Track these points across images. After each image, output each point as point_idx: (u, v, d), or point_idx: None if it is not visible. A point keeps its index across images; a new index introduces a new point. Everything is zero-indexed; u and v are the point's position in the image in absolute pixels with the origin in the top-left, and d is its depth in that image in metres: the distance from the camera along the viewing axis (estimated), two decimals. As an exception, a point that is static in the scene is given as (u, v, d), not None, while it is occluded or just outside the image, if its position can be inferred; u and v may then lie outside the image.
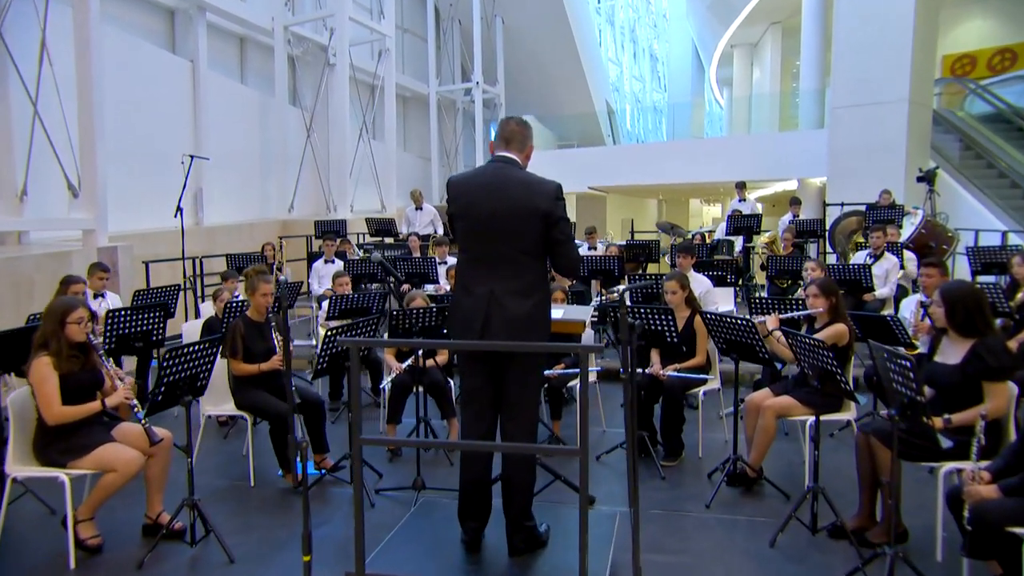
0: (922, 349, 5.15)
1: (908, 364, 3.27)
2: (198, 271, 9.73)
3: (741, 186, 12.05)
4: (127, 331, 5.33)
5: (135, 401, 4.00)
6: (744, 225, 10.29)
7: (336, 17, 14.30)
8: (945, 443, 3.67)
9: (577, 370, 5.55)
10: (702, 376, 5.21)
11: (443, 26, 21.55)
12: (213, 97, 12.89)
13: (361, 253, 10.21)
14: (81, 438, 3.94)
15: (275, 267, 9.33)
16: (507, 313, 3.33)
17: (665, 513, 4.41)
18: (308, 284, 9.61)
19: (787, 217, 11.17)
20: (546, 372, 5.45)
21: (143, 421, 3.97)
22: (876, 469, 3.96)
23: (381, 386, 5.81)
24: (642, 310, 5.15)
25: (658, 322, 5.10)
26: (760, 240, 9.96)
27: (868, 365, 5.83)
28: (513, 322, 3.33)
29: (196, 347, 3.92)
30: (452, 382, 5.63)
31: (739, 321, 4.60)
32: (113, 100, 10.76)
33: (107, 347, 5.25)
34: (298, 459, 3.02)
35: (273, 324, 5.03)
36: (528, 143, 3.50)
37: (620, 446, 5.37)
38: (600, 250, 10.20)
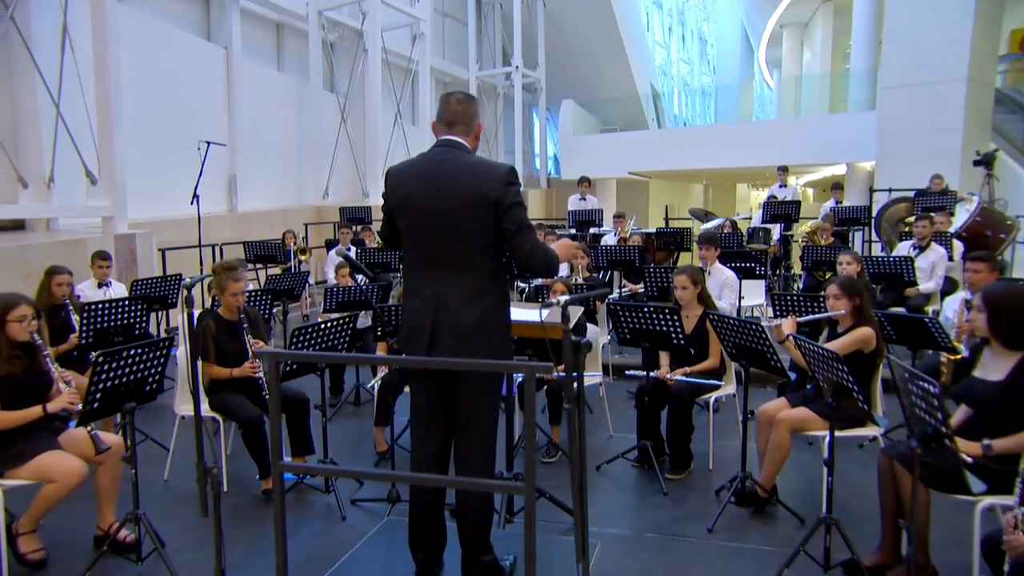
0: (966, 354, 4.49)
1: (933, 390, 2.66)
2: (219, 258, 9.40)
3: (783, 170, 11.24)
4: (107, 324, 4.99)
5: (80, 406, 3.63)
6: (781, 212, 9.52)
7: (369, 1, 13.87)
8: (977, 487, 3.04)
9: (713, 381, 5.04)
10: (713, 382, 4.62)
11: (484, 10, 21.02)
12: (247, 83, 12.69)
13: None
14: (20, 445, 3.59)
15: (293, 255, 8.99)
16: (455, 321, 2.84)
17: (660, 538, 3.86)
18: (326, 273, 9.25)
19: (829, 204, 10.35)
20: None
21: (89, 428, 3.62)
22: (901, 499, 3.36)
23: (368, 385, 5.38)
24: (645, 309, 4.58)
25: (661, 322, 4.52)
26: (800, 229, 9.18)
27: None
28: (461, 331, 2.83)
29: (138, 350, 3.52)
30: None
31: (747, 324, 4.00)
32: (146, 88, 10.67)
33: (84, 341, 4.93)
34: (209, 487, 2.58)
35: (244, 325, 4.60)
36: (475, 121, 2.99)
37: (623, 455, 4.83)
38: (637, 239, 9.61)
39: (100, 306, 5.00)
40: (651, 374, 4.74)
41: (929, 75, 11.62)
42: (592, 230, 10.39)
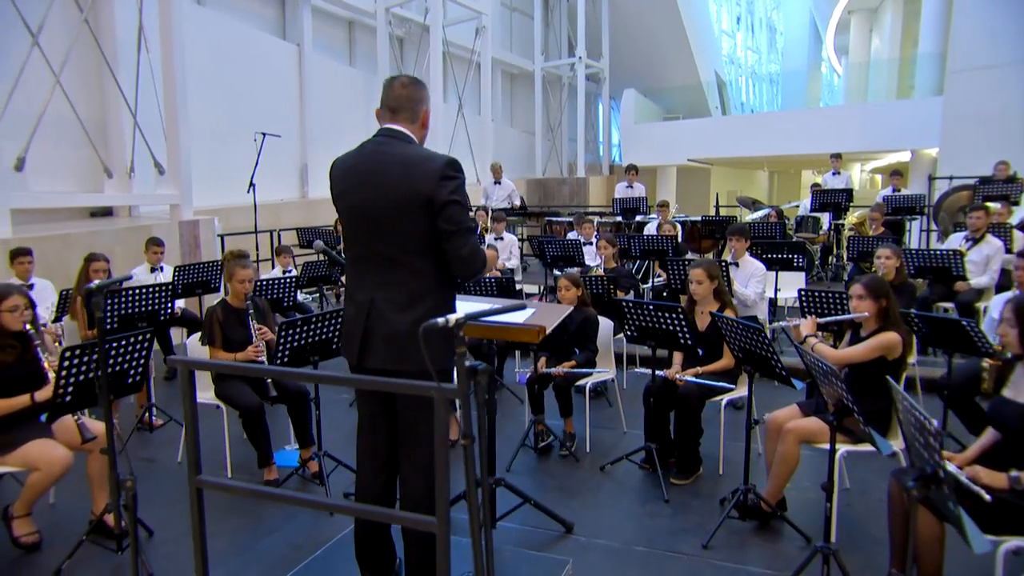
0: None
1: (931, 428, 2.10)
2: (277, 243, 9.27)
3: (836, 158, 10.29)
4: (132, 311, 4.82)
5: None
6: (830, 200, 8.66)
7: (432, -2, 13.56)
8: (978, 543, 2.45)
9: (587, 370, 4.57)
10: (723, 385, 4.07)
11: (550, 3, 20.34)
12: (318, 78, 12.62)
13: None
14: (8, 434, 3.42)
15: (340, 240, 8.74)
16: (387, 328, 2.42)
17: (650, 553, 3.38)
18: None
19: (885, 191, 9.38)
20: (550, 370, 4.52)
21: (77, 418, 3.42)
22: (910, 530, 2.78)
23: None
24: (650, 307, 4.06)
25: (666, 321, 4.00)
26: (848, 219, 8.33)
27: (942, 374, 4.48)
28: (393, 339, 2.42)
29: (116, 343, 3.28)
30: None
31: (750, 328, 3.45)
32: (223, 84, 10.70)
33: (109, 327, 4.77)
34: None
35: (250, 312, 4.34)
36: (422, 107, 2.53)
37: (627, 457, 4.34)
38: (677, 228, 8.97)
39: (125, 293, 4.84)
40: (658, 373, 4.24)
41: (997, 57, 10.40)
42: (638, 217, 9.79)
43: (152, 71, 8.77)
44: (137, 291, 4.90)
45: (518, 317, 3.15)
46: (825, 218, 9.06)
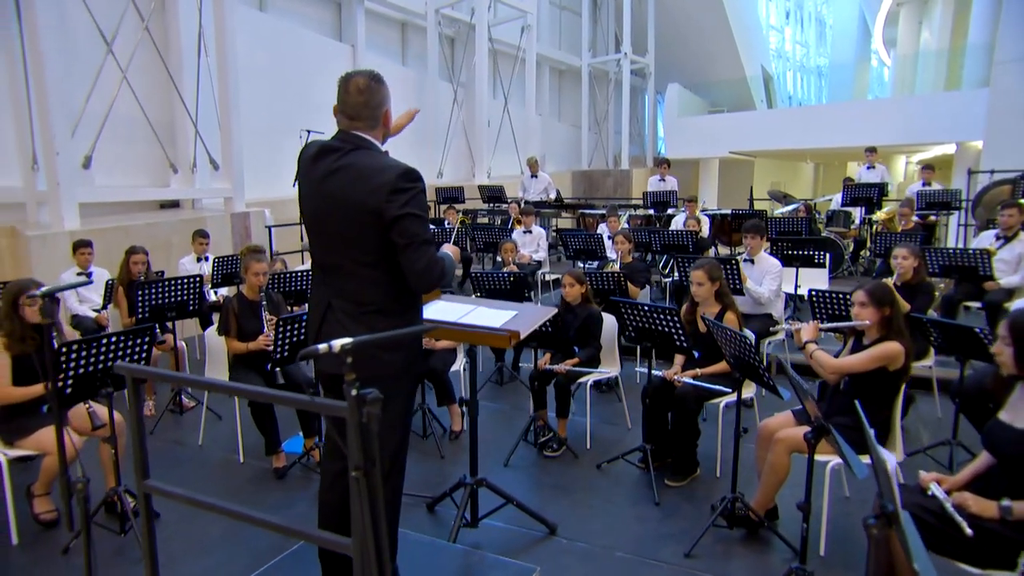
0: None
1: (890, 465, 1.81)
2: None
3: (871, 152, 9.58)
4: (162, 301, 4.81)
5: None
6: (861, 195, 8.06)
7: (478, -1, 13.33)
8: (969, 528, 2.16)
9: (589, 369, 4.33)
10: (719, 388, 3.75)
11: (599, 1, 19.78)
12: (371, 77, 12.52)
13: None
14: (26, 419, 3.44)
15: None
16: (340, 335, 2.21)
17: (629, 559, 3.14)
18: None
19: (915, 186, 8.69)
20: (552, 367, 4.29)
21: (87, 406, 3.40)
22: (893, 557, 2.47)
23: None
24: (645, 307, 3.78)
25: (662, 322, 3.72)
26: (878, 215, 7.73)
27: (955, 380, 4.06)
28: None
29: (114, 338, 3.22)
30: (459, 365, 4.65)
31: (736, 336, 3.14)
32: (281, 84, 10.77)
33: (141, 316, 4.78)
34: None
35: (263, 303, 4.26)
36: (380, 111, 2.26)
37: (623, 457, 4.09)
38: (704, 222, 8.55)
39: (158, 284, 4.83)
40: (655, 373, 3.96)
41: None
42: (670, 211, 9.39)
43: (211, 74, 8.86)
44: (169, 282, 4.88)
45: (495, 321, 2.95)
46: (857, 212, 8.46)
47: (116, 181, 8.45)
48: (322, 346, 1.55)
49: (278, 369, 4.02)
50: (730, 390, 3.82)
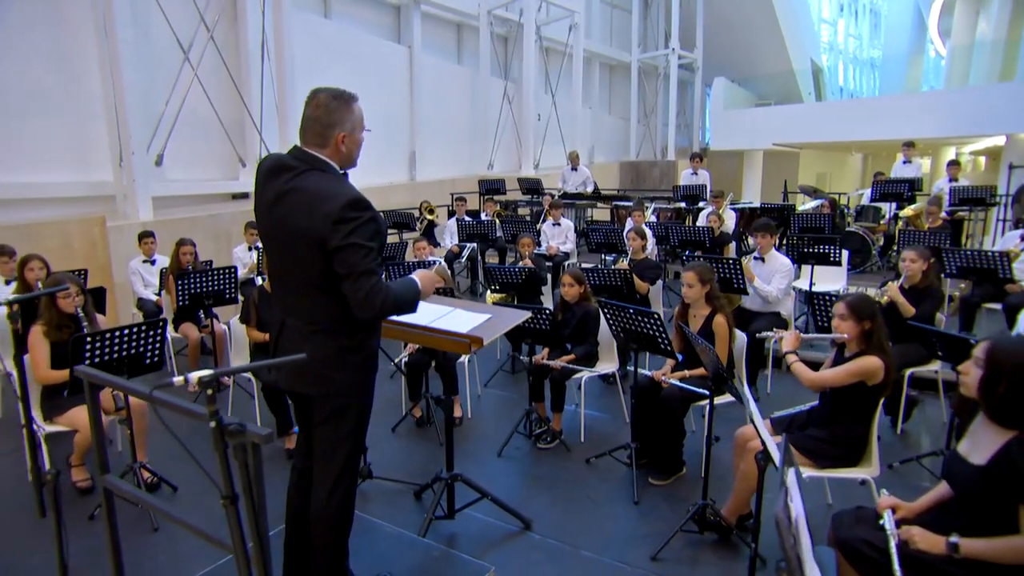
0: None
1: (788, 515, 1.59)
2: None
3: (908, 146, 8.83)
4: (200, 290, 4.89)
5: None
6: (892, 190, 7.42)
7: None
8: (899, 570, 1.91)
9: (582, 367, 4.14)
10: (700, 391, 3.50)
11: (650, -2, 19.08)
12: (426, 75, 12.53)
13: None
14: (61, 399, 3.54)
15: (419, 218, 8.61)
16: (292, 352, 2.11)
17: (596, 559, 2.96)
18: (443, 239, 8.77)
19: (941, 182, 7.93)
20: (549, 362, 4.12)
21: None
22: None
23: (396, 361, 4.86)
24: (630, 311, 3.56)
25: (645, 325, 3.49)
26: (904, 211, 7.10)
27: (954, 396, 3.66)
28: (298, 367, 2.05)
29: (128, 329, 3.25)
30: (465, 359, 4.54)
31: (703, 345, 2.90)
32: (345, 84, 10.80)
33: (181, 303, 4.87)
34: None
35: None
36: (333, 132, 2.03)
37: (610, 453, 3.89)
38: (730, 217, 8.11)
39: (196, 274, 4.90)
40: (644, 373, 3.75)
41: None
42: (701, 204, 8.96)
43: (272, 74, 8.99)
44: (207, 273, 4.95)
45: (465, 325, 2.81)
46: (887, 207, 7.82)
47: (193, 175, 8.71)
48: (177, 379, 1.45)
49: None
50: (709, 393, 3.57)
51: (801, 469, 2.86)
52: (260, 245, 6.70)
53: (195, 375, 1.43)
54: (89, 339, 3.13)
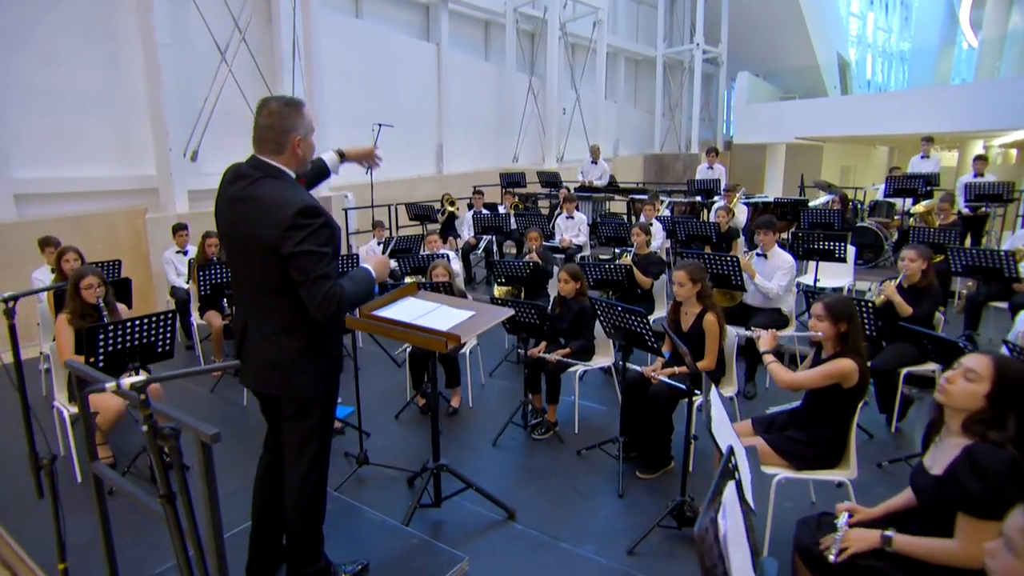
0: None
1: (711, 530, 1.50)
2: (394, 214, 9.28)
3: (927, 141, 8.41)
4: (219, 280, 4.96)
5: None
6: (905, 186, 7.08)
7: (551, -1, 12.84)
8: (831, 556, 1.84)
9: (575, 361, 4.06)
10: (685, 388, 3.39)
11: (676, -7, 18.59)
12: (453, 70, 12.45)
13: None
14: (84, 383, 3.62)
15: (441, 210, 8.57)
16: (253, 354, 2.11)
17: (572, 552, 2.91)
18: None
19: (966, 177, 7.54)
20: (545, 356, 4.06)
21: (128, 374, 3.53)
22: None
23: (396, 353, 4.86)
24: (618, 308, 3.47)
25: (632, 323, 3.40)
26: (915, 208, 6.76)
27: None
28: (259, 365, 2.11)
29: (140, 320, 3.31)
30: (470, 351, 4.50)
31: (681, 346, 2.80)
32: (377, 81, 10.88)
33: (203, 293, 4.95)
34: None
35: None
36: (287, 137, 2.02)
37: (600, 446, 3.82)
38: (742, 211, 7.87)
39: (217, 265, 4.97)
40: (633, 367, 3.66)
41: None
42: (715, 198, 8.72)
43: (303, 75, 9.04)
44: (225, 264, 5.01)
45: (447, 323, 2.77)
46: (901, 203, 7.47)
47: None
48: (109, 385, 1.43)
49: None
50: (687, 388, 3.46)
51: (778, 470, 2.76)
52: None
53: (127, 381, 1.42)
54: (101, 329, 3.19)
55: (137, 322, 3.29)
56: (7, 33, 6.47)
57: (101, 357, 3.22)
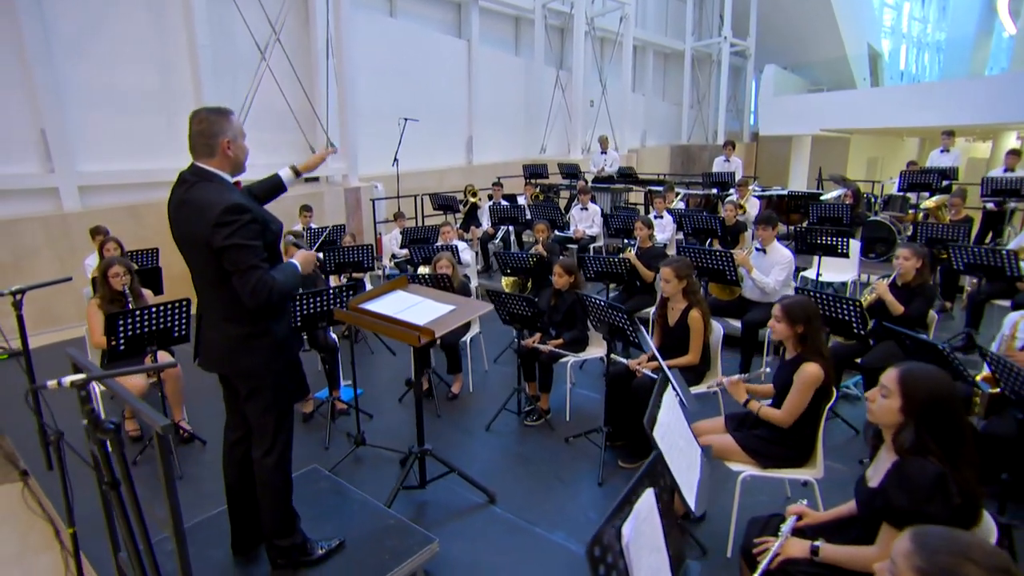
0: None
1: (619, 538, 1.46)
2: (420, 205, 9.28)
3: (948, 135, 7.91)
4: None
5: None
6: (919, 181, 6.68)
7: (579, -7, 12.52)
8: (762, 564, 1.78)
9: (567, 353, 4.01)
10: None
11: (704, -14, 17.93)
12: (483, 66, 12.32)
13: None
14: (112, 362, 3.76)
15: (462, 204, 8.53)
16: (207, 340, 2.22)
17: (543, 537, 2.89)
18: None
19: (995, 171, 7.04)
20: (538, 346, 4.02)
21: (151, 355, 3.66)
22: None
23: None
24: (602, 303, 3.40)
25: (614, 317, 3.33)
26: (925, 203, 6.37)
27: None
28: (213, 350, 2.20)
29: (154, 308, 3.40)
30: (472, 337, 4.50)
31: (649, 349, 2.72)
32: (410, 77, 10.86)
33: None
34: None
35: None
36: (217, 140, 2.09)
37: (586, 435, 3.76)
38: (754, 204, 7.60)
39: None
40: (617, 360, 3.59)
41: None
42: (731, 191, 8.44)
43: (334, 72, 9.09)
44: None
45: (425, 317, 2.76)
46: (915, 197, 7.06)
47: (274, 160, 9.00)
48: (51, 383, 1.45)
49: (304, 334, 4.11)
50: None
51: (744, 467, 2.67)
52: (313, 225, 6.93)
53: (68, 379, 1.44)
54: (122, 315, 3.29)
55: (153, 309, 3.38)
56: (72, 41, 6.72)
57: (122, 340, 3.33)
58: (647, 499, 1.53)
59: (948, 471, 1.57)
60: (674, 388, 2.39)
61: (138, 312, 3.35)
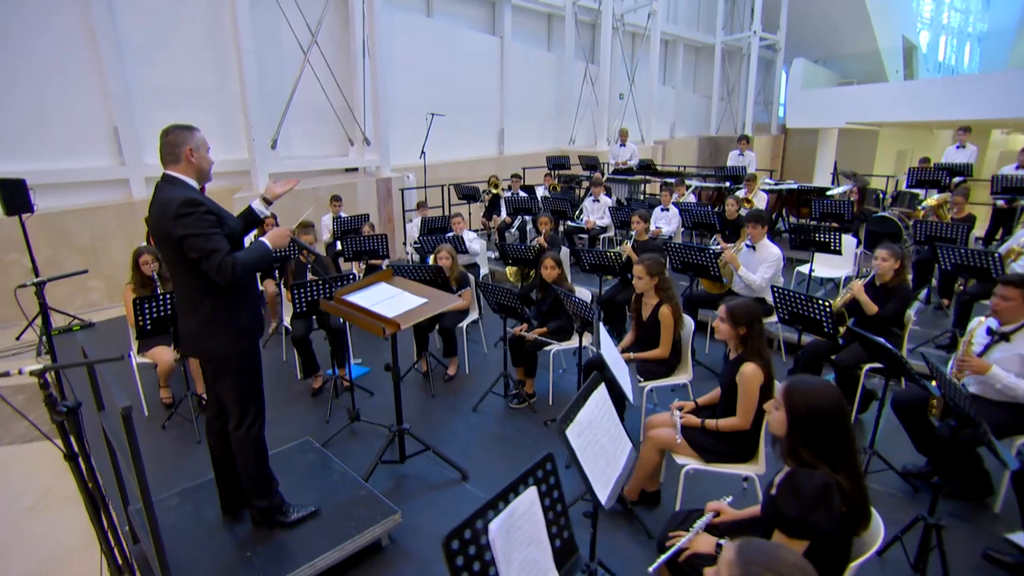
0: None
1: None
2: (448, 193, 9.31)
3: (964, 131, 7.36)
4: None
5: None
6: (928, 177, 6.24)
7: (607, -10, 12.11)
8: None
9: (551, 341, 4.00)
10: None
11: (736, -20, 17.06)
12: (515, 61, 12.18)
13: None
14: (147, 339, 3.96)
15: (485, 194, 8.51)
16: (181, 328, 2.35)
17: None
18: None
19: (1008, 168, 6.53)
20: (525, 334, 4.02)
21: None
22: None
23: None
24: (573, 298, 3.36)
25: (584, 311, 3.29)
26: (927, 201, 5.96)
27: (892, 394, 3.15)
28: (186, 334, 2.34)
29: (167, 295, 3.56)
30: (470, 324, 4.53)
31: (579, 300, 2.68)
32: (446, 74, 10.86)
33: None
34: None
35: (308, 265, 4.44)
36: (180, 150, 2.23)
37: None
38: (762, 199, 7.30)
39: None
40: (592, 350, 3.56)
41: None
42: (740, 185, 8.13)
43: (372, 69, 9.14)
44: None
45: (395, 309, 2.81)
46: (924, 193, 6.62)
47: (315, 152, 9.20)
48: (13, 371, 1.55)
49: (314, 317, 4.23)
50: (639, 378, 3.33)
51: (688, 461, 2.63)
52: (343, 215, 7.05)
53: (28, 368, 1.54)
54: (147, 299, 3.47)
55: (168, 296, 3.55)
56: (142, 50, 7.07)
57: (148, 321, 3.52)
58: (529, 495, 1.53)
59: (834, 481, 1.52)
60: (615, 386, 2.36)
61: (162, 296, 3.52)
